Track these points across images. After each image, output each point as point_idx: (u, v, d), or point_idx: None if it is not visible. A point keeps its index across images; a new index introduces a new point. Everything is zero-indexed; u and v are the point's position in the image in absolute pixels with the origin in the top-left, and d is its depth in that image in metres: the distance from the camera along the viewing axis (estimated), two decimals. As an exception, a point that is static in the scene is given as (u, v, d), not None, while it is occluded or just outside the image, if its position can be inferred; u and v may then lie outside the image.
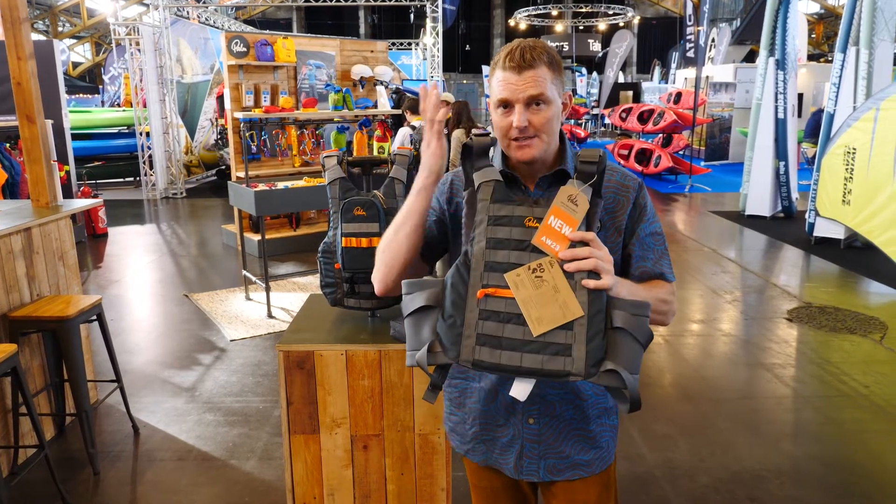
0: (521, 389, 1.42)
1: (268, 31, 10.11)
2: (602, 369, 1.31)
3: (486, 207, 1.39)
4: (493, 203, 1.39)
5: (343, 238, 2.15)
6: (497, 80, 1.49)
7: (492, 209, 1.38)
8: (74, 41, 31.48)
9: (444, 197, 1.67)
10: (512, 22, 33.74)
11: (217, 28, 14.78)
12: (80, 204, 4.25)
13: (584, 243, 1.34)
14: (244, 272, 6.24)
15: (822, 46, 31.67)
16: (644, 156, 13.76)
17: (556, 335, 1.31)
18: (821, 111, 11.64)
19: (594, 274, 1.33)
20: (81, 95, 22.26)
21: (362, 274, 2.19)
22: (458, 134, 7.16)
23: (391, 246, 1.60)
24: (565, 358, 1.31)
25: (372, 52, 9.19)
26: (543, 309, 1.31)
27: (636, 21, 34.47)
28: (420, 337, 1.38)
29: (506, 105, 1.49)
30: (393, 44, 20.93)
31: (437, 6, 13.37)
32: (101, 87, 21.56)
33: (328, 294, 2.27)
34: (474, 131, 7.24)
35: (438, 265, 2.36)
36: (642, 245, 1.60)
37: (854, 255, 7.66)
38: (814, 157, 10.04)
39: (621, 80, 30.40)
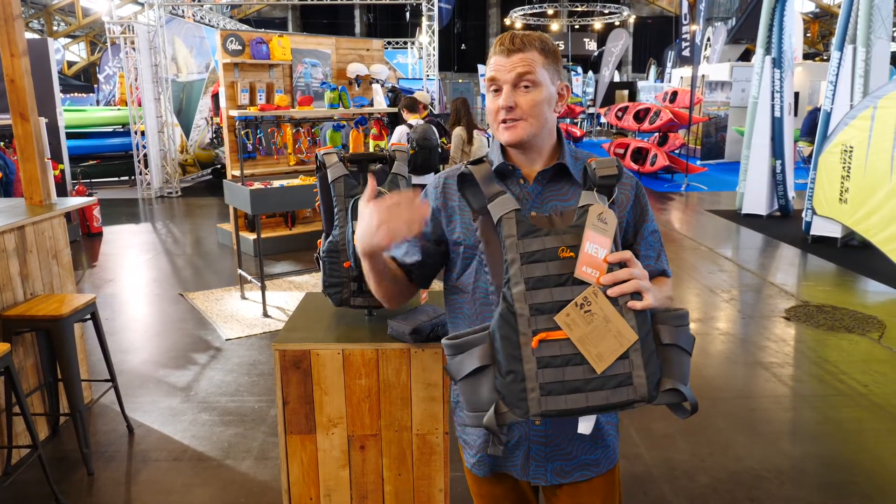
0: (587, 424, 1.42)
1: (263, 30, 10.08)
2: (662, 389, 1.32)
3: (515, 245, 1.34)
4: (521, 239, 1.34)
5: (355, 235, 2.11)
6: (489, 65, 1.51)
7: (521, 246, 1.33)
8: (69, 40, 31.37)
9: (437, 210, 1.62)
10: (507, 21, 33.73)
11: (212, 27, 14.72)
12: (74, 202, 4.22)
13: (622, 263, 1.33)
14: (240, 271, 6.21)
15: (817, 45, 31.74)
16: (640, 155, 13.76)
17: (615, 367, 1.30)
18: (817, 110, 11.65)
19: (636, 294, 1.32)
20: (76, 94, 22.18)
21: None
22: (458, 131, 7.15)
23: (380, 293, 1.61)
24: (627, 388, 1.30)
25: (368, 50, 9.17)
26: (601, 343, 1.29)
27: (632, 20, 34.48)
28: (480, 398, 1.34)
29: (496, 87, 1.49)
30: (389, 42, 20.91)
31: (432, 5, 13.34)
32: (96, 85, 21.49)
33: (333, 294, 2.22)
34: (476, 133, 7.23)
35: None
36: (646, 244, 1.61)
37: (851, 253, 7.66)
38: (810, 155, 10.04)
39: (617, 79, 30.42)
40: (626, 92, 26.49)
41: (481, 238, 1.42)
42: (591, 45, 34.32)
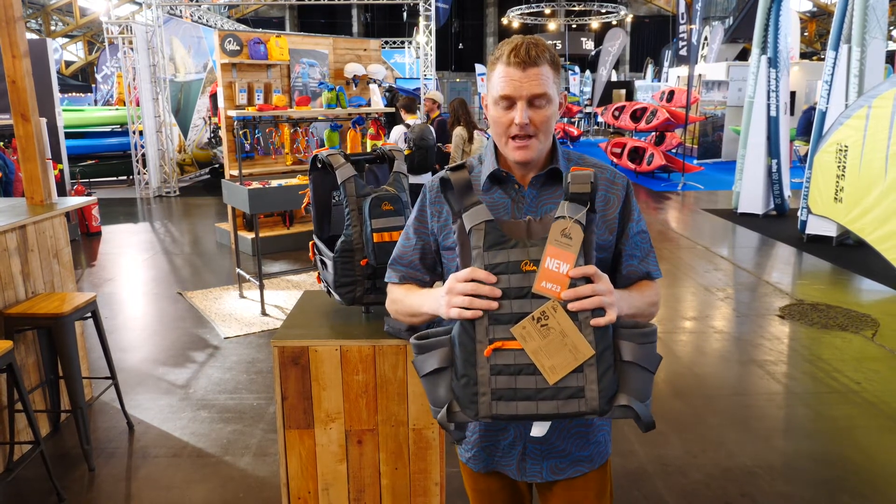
0: (539, 429, 1.46)
1: (260, 30, 10.10)
2: (616, 404, 1.34)
3: (481, 256, 1.36)
4: (487, 251, 1.36)
5: (374, 234, 2.14)
6: (500, 76, 1.47)
7: (486, 257, 1.36)
8: (67, 40, 31.36)
9: (435, 216, 1.66)
10: (505, 20, 33.76)
11: (210, 27, 14.74)
12: (75, 202, 4.26)
13: (586, 278, 1.34)
14: (238, 270, 6.25)
15: (814, 44, 31.81)
16: (637, 154, 13.80)
17: (568, 379, 1.32)
18: (813, 109, 11.70)
19: (599, 310, 1.32)
20: (74, 94, 22.17)
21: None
22: (459, 131, 7.19)
23: (407, 319, 1.68)
24: (579, 400, 1.32)
25: (365, 50, 9.20)
26: (555, 357, 1.31)
27: (629, 19, 34.53)
28: (437, 396, 1.40)
29: (508, 101, 1.48)
30: (386, 42, 20.92)
31: (429, 5, 13.36)
32: (94, 85, 21.48)
33: (345, 293, 2.23)
34: (476, 133, 7.27)
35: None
36: (631, 244, 1.61)
37: (846, 252, 7.71)
38: (806, 154, 10.08)
39: (614, 78, 30.43)
40: (623, 91, 26.51)
41: (457, 242, 1.45)
42: (589, 45, 34.34)
